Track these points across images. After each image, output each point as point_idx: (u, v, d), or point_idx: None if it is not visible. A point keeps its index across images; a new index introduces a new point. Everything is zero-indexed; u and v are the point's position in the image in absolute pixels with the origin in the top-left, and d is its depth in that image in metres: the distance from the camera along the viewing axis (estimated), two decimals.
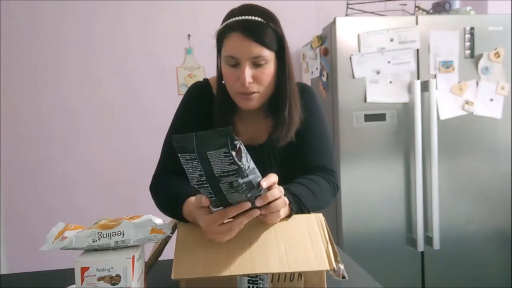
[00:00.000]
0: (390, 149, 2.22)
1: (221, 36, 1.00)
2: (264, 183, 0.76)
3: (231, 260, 0.80)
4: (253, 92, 1.00)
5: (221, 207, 0.77)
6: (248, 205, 0.76)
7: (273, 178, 0.80)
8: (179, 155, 0.68)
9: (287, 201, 0.84)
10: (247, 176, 0.70)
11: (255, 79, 0.99)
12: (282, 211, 0.86)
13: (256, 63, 0.98)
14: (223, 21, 1.01)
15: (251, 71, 0.98)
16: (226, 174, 0.68)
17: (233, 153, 0.66)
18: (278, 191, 0.80)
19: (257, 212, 0.79)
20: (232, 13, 1.00)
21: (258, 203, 0.77)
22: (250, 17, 0.97)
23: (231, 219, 0.78)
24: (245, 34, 0.95)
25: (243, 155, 0.68)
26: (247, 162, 0.70)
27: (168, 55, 2.83)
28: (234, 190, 0.72)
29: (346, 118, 2.17)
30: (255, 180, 0.73)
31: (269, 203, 0.79)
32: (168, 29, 2.82)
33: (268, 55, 0.98)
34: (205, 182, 0.70)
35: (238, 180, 0.69)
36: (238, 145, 0.68)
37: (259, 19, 0.97)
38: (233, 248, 0.82)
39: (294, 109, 1.06)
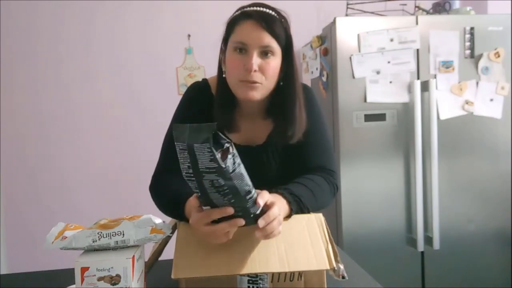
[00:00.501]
0: (390, 149, 2.21)
1: (233, 23, 1.02)
2: (261, 201, 0.77)
3: (231, 260, 0.80)
4: (257, 82, 1.00)
5: (209, 207, 0.78)
6: (230, 210, 0.76)
7: (266, 195, 0.81)
8: (175, 143, 0.69)
9: (282, 220, 0.83)
10: (230, 179, 0.70)
11: (261, 69, 0.99)
12: (284, 212, 0.87)
13: (264, 53, 0.99)
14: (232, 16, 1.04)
15: (258, 60, 0.99)
16: (208, 170, 0.68)
17: (215, 151, 0.66)
18: (277, 210, 0.81)
19: (241, 222, 0.78)
20: (243, 7, 1.03)
21: (261, 224, 0.78)
22: (266, 10, 1.01)
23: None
24: (259, 22, 0.98)
25: (229, 156, 0.69)
26: (232, 165, 0.69)
27: (168, 55, 2.83)
28: (215, 190, 0.72)
29: (346, 118, 2.17)
30: (241, 187, 0.73)
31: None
32: (168, 29, 2.82)
33: (276, 48, 1.00)
34: (192, 175, 0.71)
35: (219, 180, 0.70)
36: (226, 145, 0.69)
37: (273, 13, 1.01)
38: (233, 248, 0.82)
39: (302, 106, 1.07)
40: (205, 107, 1.10)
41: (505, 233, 2.31)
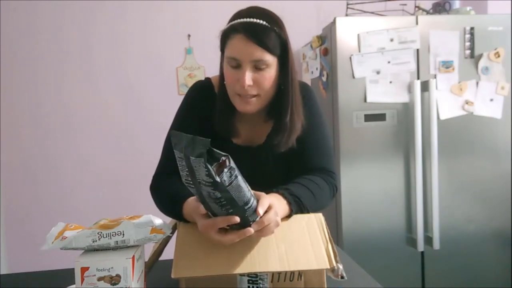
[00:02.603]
0: (390, 149, 2.21)
1: (225, 37, 1.00)
2: (261, 210, 0.77)
3: (231, 259, 0.80)
4: (252, 96, 1.00)
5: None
6: (236, 219, 0.75)
7: (266, 202, 0.80)
8: (174, 150, 0.69)
9: (279, 222, 0.83)
10: (227, 191, 0.70)
11: (255, 82, 0.98)
12: (284, 212, 0.88)
13: (258, 67, 0.97)
14: (229, 22, 1.01)
15: (252, 74, 0.97)
16: (204, 183, 0.68)
17: (210, 166, 0.66)
18: (273, 214, 0.81)
19: (250, 232, 0.78)
20: (238, 15, 1.00)
21: (254, 228, 0.78)
22: (255, 20, 0.96)
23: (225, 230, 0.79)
24: (248, 37, 0.95)
25: (225, 170, 0.68)
26: (229, 179, 0.69)
27: (168, 55, 2.83)
28: (213, 201, 0.72)
29: (346, 118, 2.17)
30: (239, 198, 0.72)
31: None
32: (168, 29, 2.82)
33: (270, 59, 0.98)
34: (191, 182, 0.71)
35: (215, 193, 0.70)
36: (222, 159, 0.68)
37: (264, 22, 0.97)
38: (233, 247, 0.82)
39: (296, 115, 1.05)
40: (208, 106, 1.09)
41: (505, 233, 2.31)
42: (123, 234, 0.78)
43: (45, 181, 2.77)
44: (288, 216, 0.91)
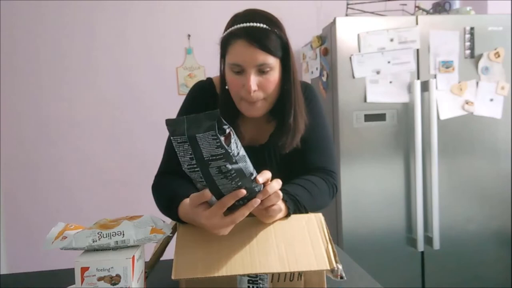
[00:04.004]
0: (390, 149, 2.22)
1: (225, 43, 0.99)
2: (260, 179, 0.77)
3: (231, 260, 0.80)
4: (258, 100, 1.00)
5: (214, 199, 0.78)
6: (243, 192, 0.75)
7: (267, 174, 0.80)
8: (171, 138, 0.69)
9: (281, 194, 0.83)
10: (236, 162, 0.70)
11: (260, 86, 0.98)
12: (281, 213, 0.87)
13: (261, 71, 0.97)
14: (227, 26, 1.00)
15: (256, 79, 0.97)
16: (214, 157, 0.68)
17: (221, 137, 0.67)
18: (276, 184, 0.81)
19: (257, 202, 0.78)
20: (236, 19, 0.99)
21: (260, 197, 0.78)
22: (254, 24, 0.96)
23: (232, 212, 0.78)
24: (250, 42, 0.94)
25: (232, 140, 0.69)
26: (236, 149, 0.70)
27: (168, 55, 2.83)
28: (223, 175, 0.72)
29: (346, 118, 2.17)
30: (246, 168, 0.73)
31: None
32: (168, 29, 2.82)
33: (273, 62, 0.98)
34: (195, 166, 0.71)
35: (227, 165, 0.70)
36: (227, 130, 0.69)
37: (264, 25, 0.96)
38: (233, 248, 0.82)
39: (299, 116, 1.05)
40: (211, 106, 1.09)
41: (505, 233, 2.31)
42: (123, 234, 0.78)
43: (46, 180, 2.77)
44: (287, 216, 0.91)
